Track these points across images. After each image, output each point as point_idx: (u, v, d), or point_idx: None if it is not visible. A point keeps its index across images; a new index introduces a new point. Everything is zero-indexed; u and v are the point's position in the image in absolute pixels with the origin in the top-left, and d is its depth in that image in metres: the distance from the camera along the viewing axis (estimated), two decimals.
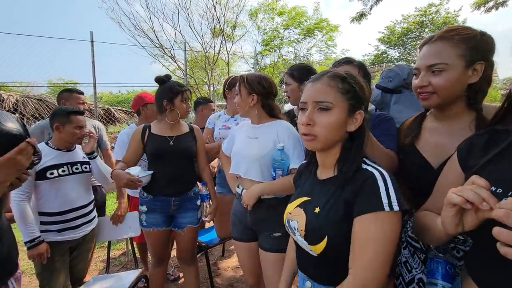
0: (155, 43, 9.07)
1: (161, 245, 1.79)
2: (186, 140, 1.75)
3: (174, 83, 1.71)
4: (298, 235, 0.81)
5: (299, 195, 0.90)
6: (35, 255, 1.53)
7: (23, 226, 1.54)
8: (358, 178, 0.74)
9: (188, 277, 1.86)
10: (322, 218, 0.76)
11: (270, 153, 1.33)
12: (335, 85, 0.76)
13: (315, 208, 0.79)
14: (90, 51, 4.72)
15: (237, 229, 1.48)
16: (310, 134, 0.77)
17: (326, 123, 0.75)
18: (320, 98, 0.76)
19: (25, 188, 1.57)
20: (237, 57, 11.16)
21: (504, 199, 0.49)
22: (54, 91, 11.14)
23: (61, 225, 1.65)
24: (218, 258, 2.90)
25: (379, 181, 0.70)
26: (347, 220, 0.72)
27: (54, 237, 1.63)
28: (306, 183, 0.91)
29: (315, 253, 0.78)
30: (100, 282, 1.82)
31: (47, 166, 1.62)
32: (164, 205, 1.71)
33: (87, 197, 1.79)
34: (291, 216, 0.86)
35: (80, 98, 2.40)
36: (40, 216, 1.64)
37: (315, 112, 0.76)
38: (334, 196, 0.77)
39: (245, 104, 1.42)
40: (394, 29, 20.55)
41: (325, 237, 0.74)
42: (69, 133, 1.68)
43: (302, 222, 0.80)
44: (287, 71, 1.73)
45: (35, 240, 1.53)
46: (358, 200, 0.71)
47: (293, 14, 11.60)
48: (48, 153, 1.66)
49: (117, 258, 2.97)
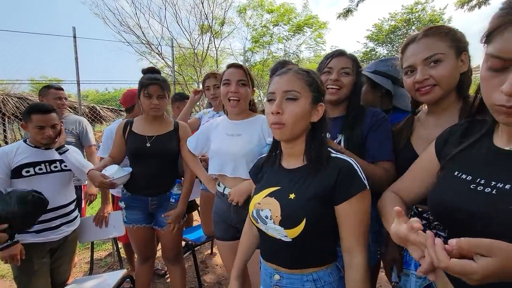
0: (142, 39, 8.89)
1: (144, 243, 1.76)
2: (167, 140, 1.67)
3: (145, 77, 1.60)
4: (271, 222, 0.82)
5: (264, 186, 0.91)
6: (7, 257, 1.45)
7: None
8: (332, 166, 0.80)
9: (174, 277, 1.84)
10: (298, 203, 0.80)
11: (256, 148, 1.31)
12: (301, 77, 0.83)
13: (289, 195, 0.82)
14: (73, 47, 4.58)
15: (220, 228, 1.47)
16: (279, 123, 0.81)
17: (294, 112, 0.80)
18: (289, 88, 0.81)
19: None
20: (226, 54, 11.08)
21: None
22: (37, 89, 10.80)
23: (39, 226, 1.58)
24: (206, 256, 2.89)
25: (354, 166, 0.79)
26: (323, 203, 0.79)
27: (32, 239, 1.57)
28: (270, 174, 0.94)
29: (289, 238, 0.81)
30: (83, 283, 1.77)
31: (23, 164, 1.55)
32: (142, 204, 1.68)
33: (67, 197, 1.73)
34: (261, 206, 0.87)
35: (57, 94, 2.33)
36: None
37: (283, 102, 0.81)
38: (307, 182, 0.82)
39: (248, 98, 1.40)
40: (382, 26, 20.81)
41: (303, 220, 0.78)
42: (32, 132, 1.60)
43: (276, 208, 0.82)
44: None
45: (7, 241, 1.45)
46: (342, 187, 0.77)
47: (282, 10, 11.57)
48: (25, 150, 1.60)
49: (103, 259, 2.91)
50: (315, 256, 0.84)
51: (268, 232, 0.86)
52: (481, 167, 0.62)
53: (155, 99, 1.58)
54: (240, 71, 1.36)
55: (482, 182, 0.59)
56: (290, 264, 0.85)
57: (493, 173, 0.59)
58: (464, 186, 0.61)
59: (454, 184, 0.64)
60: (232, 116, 1.44)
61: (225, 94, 1.35)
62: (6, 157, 1.54)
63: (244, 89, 1.35)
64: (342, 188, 0.77)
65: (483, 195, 0.57)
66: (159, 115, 1.67)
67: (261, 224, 0.87)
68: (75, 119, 2.46)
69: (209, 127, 1.51)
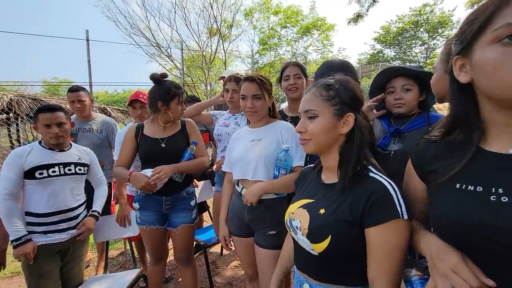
0: (152, 42, 9.02)
1: (157, 244, 1.78)
2: (178, 140, 1.72)
3: (171, 85, 1.67)
4: (300, 234, 0.84)
5: (301, 196, 0.93)
6: (21, 255, 1.48)
7: (8, 224, 1.49)
8: (366, 186, 0.76)
9: (185, 278, 1.85)
10: (326, 219, 0.79)
11: (274, 152, 1.36)
12: (319, 94, 0.84)
13: (319, 209, 0.82)
14: (86, 50, 4.69)
15: (235, 226, 1.51)
16: (303, 139, 0.87)
17: (314, 129, 0.83)
18: (307, 107, 0.85)
19: (11, 186, 1.52)
20: (234, 57, 11.15)
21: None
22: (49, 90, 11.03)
23: (47, 227, 1.59)
24: (217, 257, 2.90)
25: (390, 191, 0.73)
26: (352, 223, 0.75)
27: (39, 239, 1.57)
28: (310, 185, 0.94)
29: (316, 252, 0.81)
30: (98, 282, 1.80)
31: (37, 165, 1.57)
32: (156, 204, 1.70)
33: (78, 200, 1.73)
34: (293, 215, 0.89)
35: (70, 97, 2.37)
36: (26, 216, 1.58)
37: (306, 120, 0.86)
38: (339, 200, 0.80)
39: (266, 106, 1.45)
40: (389, 29, 20.69)
41: (328, 236, 0.77)
42: (41, 132, 1.63)
43: (305, 221, 0.83)
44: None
45: (21, 239, 1.49)
46: (372, 210, 0.73)
47: (289, 13, 11.61)
48: (39, 152, 1.61)
49: (115, 258, 2.95)
50: (342, 274, 0.81)
51: (298, 242, 0.88)
52: (487, 176, 0.57)
53: (184, 105, 1.73)
54: (253, 85, 1.41)
55: (501, 192, 0.54)
56: (319, 276, 0.85)
57: (507, 181, 0.55)
58: (480, 199, 0.56)
59: (466, 197, 0.58)
60: (253, 124, 1.50)
61: (243, 108, 1.45)
62: (18, 158, 1.55)
63: (259, 102, 1.42)
64: (371, 213, 0.73)
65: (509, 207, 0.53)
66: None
67: (293, 233, 0.89)
68: (103, 121, 2.50)
69: (232, 141, 1.57)
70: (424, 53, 20.51)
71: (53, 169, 1.62)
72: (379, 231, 0.72)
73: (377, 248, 0.73)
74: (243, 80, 1.46)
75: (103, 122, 2.48)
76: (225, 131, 1.93)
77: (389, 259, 0.72)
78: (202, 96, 8.78)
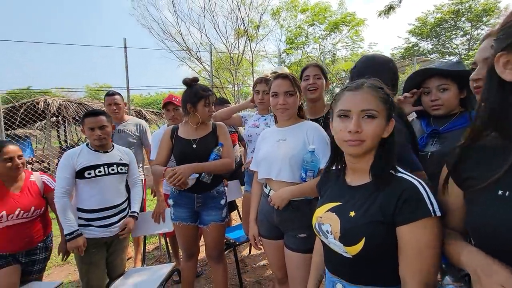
0: (182, 46, 9.38)
1: (189, 240, 1.87)
2: (209, 141, 1.79)
3: (199, 88, 1.75)
4: (332, 237, 0.84)
5: (327, 200, 0.93)
6: (73, 247, 1.68)
7: (63, 219, 1.70)
8: (396, 185, 0.77)
9: (216, 275, 1.91)
10: (358, 221, 0.79)
11: (300, 153, 1.34)
12: (377, 94, 0.82)
13: (349, 212, 0.82)
14: (124, 57, 5.02)
15: (264, 227, 1.52)
16: (358, 140, 0.80)
17: (374, 130, 0.80)
18: (367, 107, 0.80)
19: (66, 185, 1.72)
20: (260, 57, 11.21)
21: None
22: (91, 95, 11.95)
23: (96, 222, 1.79)
24: (245, 255, 2.96)
25: (420, 189, 0.74)
26: (384, 223, 0.76)
27: (89, 232, 1.77)
28: (334, 189, 0.94)
29: (349, 255, 0.81)
30: (137, 274, 1.95)
31: (85, 166, 1.76)
32: (189, 201, 1.79)
33: (121, 197, 1.91)
34: (322, 220, 0.89)
35: (107, 101, 2.60)
36: (78, 212, 1.79)
37: (361, 119, 0.80)
38: (369, 201, 0.80)
39: (296, 106, 1.45)
40: (426, 20, 19.35)
41: (361, 239, 0.77)
42: (87, 135, 1.81)
43: (336, 225, 0.83)
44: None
45: (73, 233, 1.69)
46: (404, 209, 0.73)
47: (317, 10, 11.39)
48: (86, 153, 1.80)
49: (151, 252, 3.14)
50: (377, 275, 0.82)
51: (330, 246, 0.88)
52: None
53: (212, 107, 1.78)
54: (286, 82, 1.41)
55: None
56: (353, 278, 0.85)
57: None
58: None
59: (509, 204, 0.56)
60: (280, 123, 1.50)
61: (274, 105, 1.43)
62: (70, 160, 1.76)
63: (292, 99, 1.41)
64: (402, 211, 0.74)
65: None
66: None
67: (323, 237, 0.89)
68: (135, 122, 2.71)
69: (260, 141, 1.59)
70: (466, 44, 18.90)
71: (99, 169, 1.79)
72: (410, 229, 0.72)
73: (409, 247, 0.73)
74: (275, 78, 1.46)
75: (136, 124, 2.68)
76: (255, 132, 1.97)
77: (421, 257, 0.71)
78: (230, 96, 8.95)
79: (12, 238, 1.75)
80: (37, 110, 5.56)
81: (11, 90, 6.22)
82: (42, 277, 1.99)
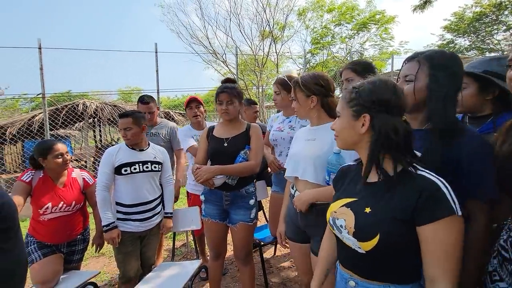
0: (209, 49, 9.61)
1: (217, 237, 1.90)
2: (240, 141, 1.81)
3: (219, 87, 1.83)
4: (346, 232, 0.84)
5: (342, 195, 0.93)
6: (109, 238, 1.81)
7: (102, 212, 1.83)
8: (416, 183, 0.76)
9: (243, 276, 1.93)
10: (374, 217, 0.80)
11: (326, 154, 1.30)
12: (343, 97, 0.92)
13: (365, 208, 0.82)
14: (155, 61, 5.25)
15: (291, 229, 1.51)
16: (335, 135, 0.95)
17: (337, 127, 0.93)
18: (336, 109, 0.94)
19: (106, 179, 1.86)
20: (285, 58, 11.17)
21: None
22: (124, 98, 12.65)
23: (134, 216, 1.90)
24: (270, 256, 2.96)
25: (443, 188, 0.74)
26: (401, 220, 0.76)
27: (126, 226, 1.89)
28: (351, 184, 0.95)
29: (363, 250, 0.81)
30: (168, 268, 2.03)
31: (122, 163, 1.88)
32: (218, 198, 1.82)
33: (155, 193, 2.01)
34: (336, 214, 0.89)
35: (142, 108, 2.57)
36: (117, 206, 1.92)
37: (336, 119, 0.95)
38: (385, 199, 0.80)
39: (304, 108, 1.42)
40: (464, 14, 18.12)
41: (377, 234, 0.77)
42: (121, 134, 1.95)
43: (351, 220, 0.83)
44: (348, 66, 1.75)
45: (109, 225, 1.81)
46: (426, 207, 0.73)
47: (343, 9, 11.13)
48: (124, 151, 1.93)
49: (178, 248, 3.25)
50: (392, 272, 0.81)
51: (343, 240, 0.88)
52: None
53: (224, 105, 1.76)
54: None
55: None
56: (366, 274, 0.85)
57: None
58: None
59: None
60: (313, 122, 1.47)
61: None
62: (110, 156, 1.90)
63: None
64: (425, 210, 0.73)
65: None
66: (231, 119, 1.82)
67: (337, 232, 0.89)
68: (166, 125, 2.79)
69: (293, 140, 1.58)
70: (509, 39, 17.41)
71: (134, 167, 1.90)
72: (436, 228, 0.72)
73: (435, 246, 0.73)
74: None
75: (167, 127, 2.75)
76: (280, 136, 1.96)
77: (450, 256, 0.72)
78: (254, 98, 9.01)
79: (56, 231, 1.91)
80: (77, 112, 6.01)
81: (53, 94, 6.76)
82: (80, 266, 2.15)
